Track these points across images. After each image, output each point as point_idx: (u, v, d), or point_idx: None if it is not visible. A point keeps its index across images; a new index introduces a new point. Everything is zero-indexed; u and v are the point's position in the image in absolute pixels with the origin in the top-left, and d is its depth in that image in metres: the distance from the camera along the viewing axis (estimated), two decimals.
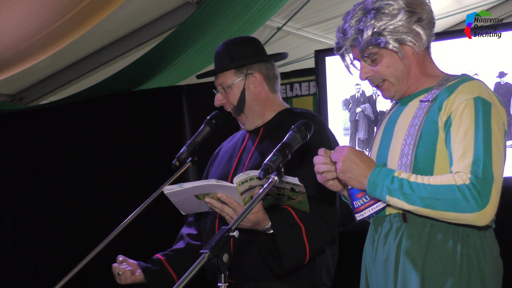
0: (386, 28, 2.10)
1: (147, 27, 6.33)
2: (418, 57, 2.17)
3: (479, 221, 1.96)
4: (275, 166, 2.11)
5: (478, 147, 1.98)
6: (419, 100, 2.14)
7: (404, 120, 2.16)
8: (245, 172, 2.44)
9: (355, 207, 2.17)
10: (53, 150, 6.16)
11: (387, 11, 2.10)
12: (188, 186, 2.48)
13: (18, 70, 5.73)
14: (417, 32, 2.12)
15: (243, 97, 2.81)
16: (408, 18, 2.10)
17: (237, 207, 2.49)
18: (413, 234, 2.07)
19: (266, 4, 5.23)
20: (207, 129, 2.89)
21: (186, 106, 5.56)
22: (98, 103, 6.02)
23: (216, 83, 2.86)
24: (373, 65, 2.16)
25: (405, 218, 2.08)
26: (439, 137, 2.06)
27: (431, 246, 2.05)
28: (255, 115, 2.84)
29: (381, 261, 2.14)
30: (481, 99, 2.04)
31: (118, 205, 5.73)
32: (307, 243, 2.59)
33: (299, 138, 2.23)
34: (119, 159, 5.83)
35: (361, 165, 2.07)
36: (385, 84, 2.19)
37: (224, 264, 1.86)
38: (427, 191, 1.97)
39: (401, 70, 2.15)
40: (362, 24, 2.12)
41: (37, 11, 4.78)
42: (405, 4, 2.12)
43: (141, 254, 5.64)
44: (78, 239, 5.91)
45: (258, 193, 2.04)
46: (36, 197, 6.23)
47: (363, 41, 2.11)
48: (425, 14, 2.14)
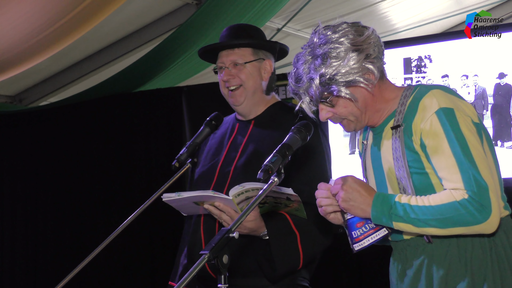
0: (337, 73, 2.10)
1: (147, 28, 6.33)
2: (374, 90, 2.16)
3: (488, 230, 2.00)
4: (275, 167, 2.10)
5: (460, 161, 2.01)
6: (390, 128, 2.17)
7: (386, 153, 2.19)
8: (241, 184, 2.43)
9: (353, 237, 2.17)
10: (53, 151, 6.16)
11: (335, 55, 2.10)
12: (186, 196, 2.50)
13: (18, 72, 5.73)
14: (368, 68, 2.12)
15: (256, 79, 2.77)
16: (357, 57, 2.10)
17: (234, 215, 2.50)
18: (442, 251, 2.10)
19: (266, 5, 5.23)
20: (207, 130, 2.87)
21: (186, 107, 5.55)
22: (98, 104, 6.02)
23: (228, 58, 2.76)
24: (331, 107, 2.17)
25: (429, 239, 2.11)
26: (423, 160, 2.09)
27: (462, 259, 2.07)
28: (254, 102, 2.80)
29: (409, 284, 2.15)
30: (443, 110, 2.06)
31: (118, 206, 5.73)
32: (301, 250, 2.59)
33: (299, 140, 2.22)
34: (119, 160, 5.83)
35: (363, 193, 2.09)
36: (344, 121, 2.21)
37: (224, 265, 1.86)
38: (430, 213, 2.01)
39: (358, 107, 2.16)
40: (312, 73, 2.12)
41: (37, 12, 4.78)
42: (350, 44, 2.11)
43: (141, 254, 5.64)
44: (77, 240, 5.91)
45: (258, 194, 2.04)
46: (35, 198, 6.23)
47: (316, 89, 2.12)
48: (371, 48, 2.13)
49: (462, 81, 4.00)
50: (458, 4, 7.21)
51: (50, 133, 6.21)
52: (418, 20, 7.27)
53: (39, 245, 6.17)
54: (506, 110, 3.89)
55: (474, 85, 3.98)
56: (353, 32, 2.13)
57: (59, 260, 6.00)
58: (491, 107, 3.94)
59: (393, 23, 7.27)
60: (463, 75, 4.01)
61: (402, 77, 4.13)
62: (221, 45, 2.78)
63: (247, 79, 2.76)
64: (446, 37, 4.23)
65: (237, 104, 2.79)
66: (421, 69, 4.12)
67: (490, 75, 3.94)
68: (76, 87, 6.85)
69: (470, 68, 3.97)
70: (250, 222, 2.51)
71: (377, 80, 2.15)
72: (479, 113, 3.94)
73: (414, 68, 4.14)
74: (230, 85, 2.77)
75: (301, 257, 2.59)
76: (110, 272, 5.75)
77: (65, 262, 5.91)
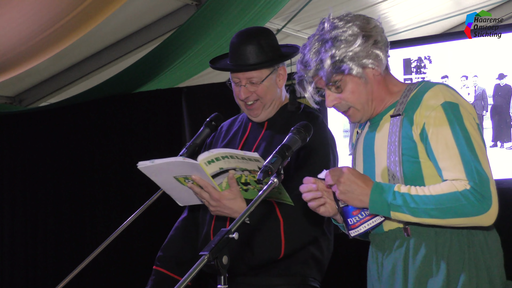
0: (346, 55, 2.13)
1: (147, 29, 6.33)
2: (379, 78, 2.21)
3: (487, 221, 2.02)
4: (275, 168, 2.10)
5: (464, 152, 2.03)
6: (390, 116, 2.19)
7: (381, 139, 2.20)
8: (210, 150, 2.41)
9: (349, 224, 2.18)
10: (53, 152, 6.16)
11: (344, 39, 2.15)
12: (159, 162, 2.47)
13: (18, 72, 5.73)
14: (376, 54, 2.16)
15: (273, 90, 2.76)
16: (365, 42, 2.15)
17: (212, 191, 2.48)
18: (418, 247, 2.11)
19: (266, 6, 5.23)
20: (207, 130, 2.86)
21: (186, 108, 5.55)
22: (98, 105, 6.02)
23: (242, 76, 2.73)
24: (338, 93, 2.19)
25: (407, 232, 2.12)
26: (419, 150, 2.11)
27: (439, 252, 2.08)
28: (272, 108, 2.79)
29: (387, 276, 2.16)
30: (448, 103, 2.09)
31: (118, 207, 5.73)
32: (284, 238, 2.57)
33: (299, 140, 2.22)
34: (119, 160, 5.83)
35: (360, 184, 2.09)
36: (350, 110, 2.23)
37: (224, 266, 1.86)
38: (431, 202, 2.01)
39: (365, 94, 2.19)
40: (322, 54, 2.15)
41: (37, 13, 4.78)
42: (359, 29, 2.16)
43: (141, 254, 5.64)
44: (77, 240, 5.91)
45: (258, 195, 2.04)
46: (35, 198, 6.23)
47: (326, 71, 2.14)
48: (379, 36, 2.19)
49: (461, 82, 4.00)
50: (458, 5, 7.21)
51: (50, 134, 6.20)
52: (418, 21, 7.27)
53: (39, 245, 6.16)
54: (505, 111, 3.89)
55: (474, 85, 3.98)
56: (361, 20, 2.19)
57: (59, 260, 6.00)
58: (491, 108, 3.94)
59: (393, 24, 7.27)
60: (463, 76, 4.01)
61: (401, 78, 4.13)
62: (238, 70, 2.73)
63: (264, 94, 2.74)
64: (446, 38, 4.24)
65: (254, 116, 2.79)
66: (421, 69, 4.12)
67: (489, 75, 3.94)
68: (76, 88, 6.85)
69: (470, 68, 3.97)
70: (230, 200, 2.49)
71: (384, 67, 2.20)
72: (478, 113, 3.94)
73: (413, 69, 4.14)
74: (248, 101, 2.75)
75: (282, 245, 2.58)
76: (110, 272, 5.75)
77: (65, 262, 5.91)
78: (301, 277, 2.68)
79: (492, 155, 3.83)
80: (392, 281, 2.14)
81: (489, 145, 3.85)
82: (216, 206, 2.52)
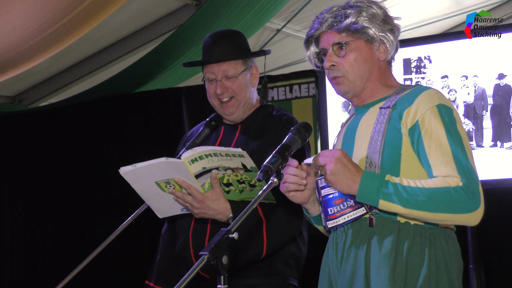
0: (364, 24, 2.19)
1: (147, 29, 6.33)
2: (381, 64, 2.25)
3: (473, 220, 2.03)
4: (275, 168, 2.10)
5: (456, 152, 2.06)
6: (379, 107, 2.19)
7: (365, 126, 2.20)
8: (193, 149, 2.41)
9: (328, 214, 2.15)
10: (53, 152, 6.16)
11: (367, 12, 2.20)
12: (141, 165, 2.45)
13: (18, 72, 5.73)
14: (388, 39, 2.23)
15: (247, 89, 2.78)
16: (384, 24, 2.22)
17: (195, 192, 2.47)
18: (381, 238, 2.10)
19: (266, 6, 5.23)
20: (207, 131, 2.86)
21: (186, 108, 5.55)
22: (98, 105, 6.02)
23: (220, 69, 2.75)
24: (340, 56, 2.21)
25: (372, 222, 2.12)
26: (403, 142, 2.11)
27: (400, 250, 2.08)
28: (244, 110, 2.81)
29: (349, 267, 2.15)
30: (443, 106, 2.12)
31: (118, 207, 5.73)
32: (266, 238, 2.58)
33: (299, 140, 2.22)
34: (119, 160, 5.81)
35: (351, 169, 2.07)
36: (341, 79, 2.24)
37: (224, 265, 1.86)
38: (423, 194, 2.01)
39: (364, 69, 2.22)
40: (342, 12, 2.21)
41: (37, 13, 4.78)
42: (383, 14, 2.23)
43: (141, 254, 5.64)
44: (77, 240, 5.91)
45: (258, 195, 2.03)
46: (35, 198, 6.23)
47: (343, 23, 2.18)
48: (396, 30, 2.26)
49: (461, 82, 4.00)
50: (458, 5, 7.21)
51: (50, 134, 6.21)
52: (418, 21, 7.27)
53: (39, 245, 6.17)
54: (505, 110, 3.89)
55: (474, 85, 3.98)
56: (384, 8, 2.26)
57: (59, 260, 6.00)
58: (491, 107, 3.93)
59: None
60: (463, 76, 4.01)
61: (401, 78, 4.12)
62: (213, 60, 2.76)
63: (239, 90, 2.76)
64: (446, 38, 4.23)
65: (228, 114, 2.80)
66: (421, 69, 4.12)
67: (489, 75, 3.94)
68: (76, 87, 6.85)
69: (470, 68, 3.97)
70: (213, 201, 2.49)
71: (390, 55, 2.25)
72: (478, 113, 3.95)
73: (413, 69, 4.14)
74: (223, 97, 2.76)
75: (264, 244, 2.58)
76: (110, 273, 5.75)
77: (65, 262, 5.91)
78: (282, 276, 2.70)
79: (492, 155, 3.82)
80: (353, 272, 2.13)
81: (489, 145, 3.85)
82: (200, 208, 2.51)
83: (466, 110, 3.95)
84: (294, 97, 5.11)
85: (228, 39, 2.78)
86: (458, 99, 3.99)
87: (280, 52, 6.90)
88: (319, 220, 2.27)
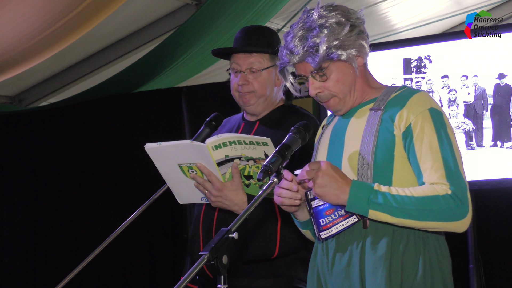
0: (334, 43, 2.13)
1: (147, 29, 6.33)
2: (362, 69, 2.22)
3: (462, 228, 2.05)
4: (275, 167, 2.10)
5: (447, 157, 2.06)
6: (369, 109, 2.18)
7: (354, 129, 2.19)
8: (218, 135, 2.41)
9: (321, 225, 2.14)
10: (53, 151, 6.16)
11: (329, 25, 2.14)
12: (166, 144, 2.46)
13: (18, 72, 5.73)
14: (361, 44, 2.18)
15: (270, 86, 2.77)
16: (351, 31, 2.16)
17: (214, 180, 2.48)
18: (375, 240, 2.09)
19: (266, 6, 5.23)
20: (207, 130, 2.86)
21: (186, 107, 5.55)
22: (98, 105, 6.02)
23: (246, 61, 2.75)
24: (323, 81, 2.19)
25: (365, 224, 2.11)
26: (396, 144, 2.11)
27: (395, 251, 2.08)
28: (264, 106, 2.80)
29: (342, 268, 2.14)
30: (435, 110, 2.12)
31: (118, 206, 5.73)
32: (279, 236, 2.57)
33: (299, 140, 2.22)
34: (119, 160, 5.83)
35: (339, 180, 2.06)
36: (332, 100, 2.22)
37: (224, 265, 1.86)
38: (412, 203, 2.01)
39: (348, 84, 2.19)
40: (310, 40, 2.14)
41: (37, 13, 4.78)
42: (345, 19, 2.16)
43: (141, 254, 5.64)
44: (77, 240, 5.91)
45: (258, 195, 2.03)
46: (35, 198, 6.23)
47: (316, 56, 2.14)
48: (362, 27, 2.21)
49: (461, 82, 4.00)
50: (458, 5, 7.21)
51: (50, 134, 6.21)
52: (418, 21, 7.27)
53: (39, 245, 6.16)
54: (506, 110, 3.89)
55: (474, 85, 3.98)
56: (343, 8, 2.20)
57: (59, 260, 6.00)
58: (491, 107, 3.93)
59: (393, 24, 7.27)
60: (463, 76, 4.01)
61: (401, 78, 4.13)
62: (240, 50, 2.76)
63: (260, 87, 2.75)
64: (446, 38, 4.23)
65: (247, 104, 2.79)
66: (421, 69, 4.12)
67: (490, 75, 3.94)
68: (76, 87, 6.85)
69: (470, 68, 3.97)
70: (232, 191, 2.49)
71: (366, 58, 2.22)
72: (478, 113, 3.95)
73: (413, 69, 4.14)
74: (242, 90, 2.76)
75: (277, 244, 2.57)
76: (110, 273, 5.75)
77: (65, 262, 5.91)
78: (287, 278, 2.67)
79: (492, 155, 3.82)
80: (347, 273, 2.12)
81: (489, 145, 3.85)
82: (217, 196, 2.51)
83: (466, 110, 3.95)
84: (294, 97, 5.10)
85: (260, 32, 2.80)
86: (458, 99, 3.99)
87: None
88: (305, 225, 2.27)
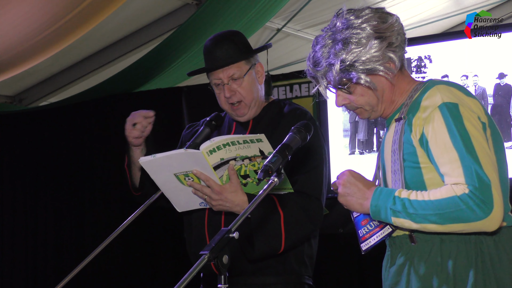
0: (357, 60, 2.06)
1: (147, 28, 6.33)
2: (392, 81, 2.14)
3: (489, 227, 1.93)
4: (275, 167, 2.09)
5: (462, 155, 1.95)
6: (394, 119, 2.15)
7: (388, 145, 2.16)
8: (211, 139, 2.40)
9: (360, 236, 2.14)
10: (53, 151, 6.16)
11: (356, 41, 2.07)
12: (161, 156, 2.45)
13: (18, 72, 5.73)
14: (389, 57, 2.08)
15: (255, 88, 2.76)
16: (379, 45, 2.07)
17: (213, 184, 2.47)
18: (423, 254, 2.06)
19: (266, 6, 5.23)
20: (207, 130, 2.86)
21: (186, 107, 5.55)
22: (98, 105, 6.02)
23: (225, 73, 2.73)
24: (348, 94, 2.15)
25: (412, 239, 2.07)
26: (418, 154, 2.05)
27: (445, 262, 2.02)
28: (256, 107, 2.79)
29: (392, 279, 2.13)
30: (446, 104, 2.01)
31: (118, 206, 5.73)
32: (284, 232, 2.57)
33: (299, 140, 2.21)
34: (119, 160, 5.82)
35: (361, 188, 2.05)
36: (359, 110, 2.19)
37: (224, 265, 1.85)
38: (429, 208, 1.95)
39: (375, 97, 2.14)
40: (331, 58, 2.09)
41: (37, 13, 4.78)
42: (373, 30, 2.07)
43: (141, 254, 5.64)
44: (77, 240, 5.91)
45: (259, 194, 2.03)
46: (35, 198, 6.23)
47: (334, 76, 2.09)
48: (394, 36, 2.10)
49: (462, 81, 4.00)
50: (458, 4, 7.21)
51: (50, 133, 6.21)
52: (418, 20, 7.27)
53: (39, 245, 6.17)
54: (506, 110, 3.89)
55: (474, 85, 3.98)
56: (377, 18, 2.10)
57: (59, 260, 6.00)
58: (491, 107, 3.94)
59: None
60: (463, 75, 4.01)
61: None
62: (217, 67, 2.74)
63: (247, 94, 2.74)
64: (446, 37, 4.24)
65: (241, 116, 2.78)
66: (421, 69, 4.12)
67: (490, 75, 3.94)
68: (76, 87, 6.85)
69: (470, 68, 3.97)
70: (231, 193, 2.48)
71: (397, 70, 2.12)
72: None
73: (414, 68, 4.14)
74: (232, 101, 2.75)
75: (283, 238, 2.57)
76: (110, 273, 5.75)
77: (65, 262, 5.91)
78: (296, 275, 2.69)
79: None
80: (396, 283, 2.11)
81: None
82: (218, 200, 2.51)
83: None
84: (295, 96, 5.11)
85: (228, 41, 2.76)
86: None
87: (280, 51, 6.90)
88: None
